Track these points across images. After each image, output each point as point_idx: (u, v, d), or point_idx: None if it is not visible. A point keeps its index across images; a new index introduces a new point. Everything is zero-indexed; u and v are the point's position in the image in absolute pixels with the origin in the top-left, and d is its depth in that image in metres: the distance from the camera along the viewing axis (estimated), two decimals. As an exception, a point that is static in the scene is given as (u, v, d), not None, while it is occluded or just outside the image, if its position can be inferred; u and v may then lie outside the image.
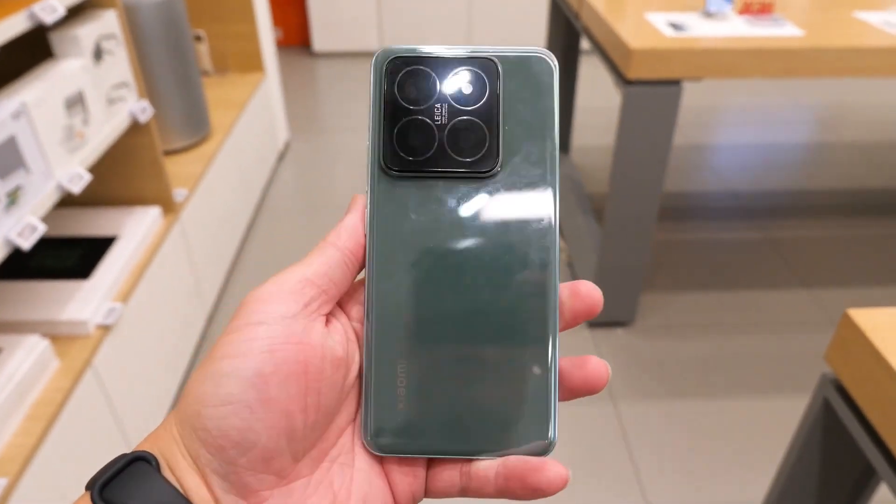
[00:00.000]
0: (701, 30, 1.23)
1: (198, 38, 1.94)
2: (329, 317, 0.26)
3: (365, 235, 0.26)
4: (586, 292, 0.26)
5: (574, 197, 1.88)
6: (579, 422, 1.29)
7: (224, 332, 0.24)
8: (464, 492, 0.25)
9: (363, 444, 0.25)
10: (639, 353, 1.46)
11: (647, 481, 1.18)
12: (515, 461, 0.24)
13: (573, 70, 2.00)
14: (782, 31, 1.22)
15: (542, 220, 0.26)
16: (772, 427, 1.26)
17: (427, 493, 0.26)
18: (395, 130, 0.26)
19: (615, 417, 1.30)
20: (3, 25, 0.84)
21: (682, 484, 1.18)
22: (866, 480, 0.60)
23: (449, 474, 0.25)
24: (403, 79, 0.26)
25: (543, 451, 0.25)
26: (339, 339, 0.25)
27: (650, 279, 1.65)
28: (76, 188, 0.98)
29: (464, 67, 0.26)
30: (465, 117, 0.26)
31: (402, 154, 0.26)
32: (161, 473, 0.22)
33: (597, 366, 0.25)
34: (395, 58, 0.26)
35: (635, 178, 1.30)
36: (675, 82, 1.19)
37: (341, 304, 0.27)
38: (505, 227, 0.26)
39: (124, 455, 0.22)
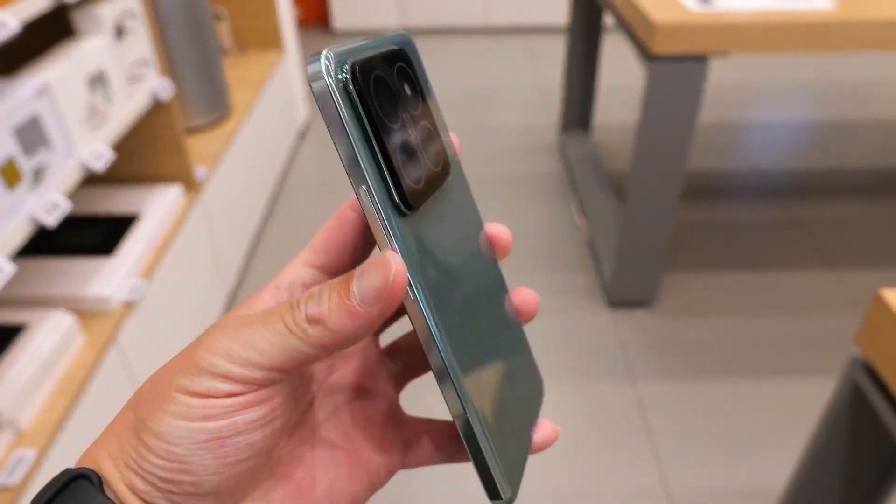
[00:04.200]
0: (728, 3, 1.20)
1: (217, 17, 1.94)
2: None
3: (413, 299, 0.20)
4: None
5: (595, 175, 1.86)
6: (598, 401, 1.29)
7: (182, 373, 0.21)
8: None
9: None
10: (660, 333, 1.45)
11: (667, 462, 1.17)
12: None
13: (596, 47, 1.96)
14: (812, 3, 1.18)
15: (479, 219, 0.25)
16: (794, 410, 1.24)
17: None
18: (396, 159, 0.20)
19: (635, 397, 1.29)
20: (26, 4, 0.84)
21: (700, 466, 1.17)
22: (894, 465, 0.59)
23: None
24: (376, 90, 0.19)
25: None
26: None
27: (672, 259, 1.63)
28: (99, 165, 0.99)
29: (391, 62, 0.21)
30: (422, 122, 0.22)
31: (412, 185, 0.20)
32: (104, 493, 0.21)
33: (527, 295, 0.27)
34: (353, 63, 0.19)
35: (658, 156, 1.28)
36: (701, 58, 1.16)
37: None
38: (474, 240, 0.25)
39: (68, 470, 0.21)
